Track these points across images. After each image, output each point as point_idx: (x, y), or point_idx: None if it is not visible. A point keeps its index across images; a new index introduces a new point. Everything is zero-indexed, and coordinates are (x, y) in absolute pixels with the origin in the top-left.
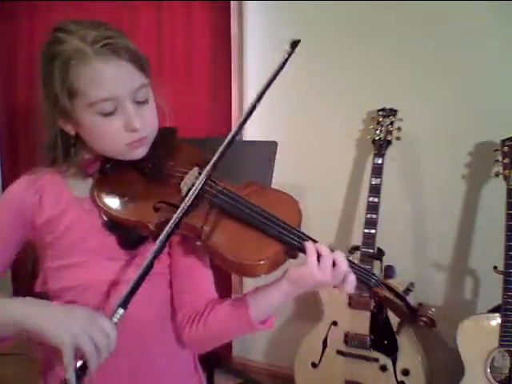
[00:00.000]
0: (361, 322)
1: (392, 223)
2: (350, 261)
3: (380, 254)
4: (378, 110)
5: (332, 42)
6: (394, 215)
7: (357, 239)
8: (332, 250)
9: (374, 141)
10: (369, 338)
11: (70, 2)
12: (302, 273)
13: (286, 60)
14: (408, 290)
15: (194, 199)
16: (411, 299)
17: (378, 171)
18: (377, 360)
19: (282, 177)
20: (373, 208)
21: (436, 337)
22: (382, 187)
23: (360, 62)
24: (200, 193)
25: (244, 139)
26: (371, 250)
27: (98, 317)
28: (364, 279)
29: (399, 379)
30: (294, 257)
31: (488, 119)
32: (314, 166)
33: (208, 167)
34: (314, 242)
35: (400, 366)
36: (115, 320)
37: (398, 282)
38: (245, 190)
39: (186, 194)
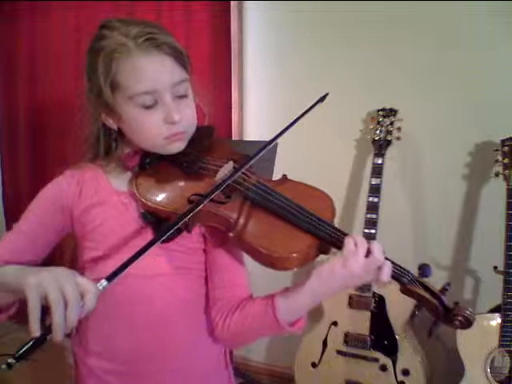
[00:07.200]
0: (361, 322)
1: (392, 223)
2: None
3: None
4: (378, 110)
5: (332, 41)
6: (393, 215)
7: None
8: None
9: (373, 141)
10: (369, 338)
11: (70, 2)
12: (334, 264)
13: (312, 107)
14: (444, 290)
15: (224, 189)
16: (446, 298)
17: (377, 171)
18: (377, 360)
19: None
20: (373, 208)
21: (436, 337)
22: (382, 187)
23: (360, 62)
24: (233, 185)
25: (244, 139)
26: None
27: (78, 275)
28: (397, 276)
29: (399, 379)
30: (326, 252)
31: (488, 119)
32: (314, 165)
33: (244, 161)
34: (347, 235)
35: (400, 366)
36: (100, 288)
37: None
38: (279, 184)
39: (218, 185)
